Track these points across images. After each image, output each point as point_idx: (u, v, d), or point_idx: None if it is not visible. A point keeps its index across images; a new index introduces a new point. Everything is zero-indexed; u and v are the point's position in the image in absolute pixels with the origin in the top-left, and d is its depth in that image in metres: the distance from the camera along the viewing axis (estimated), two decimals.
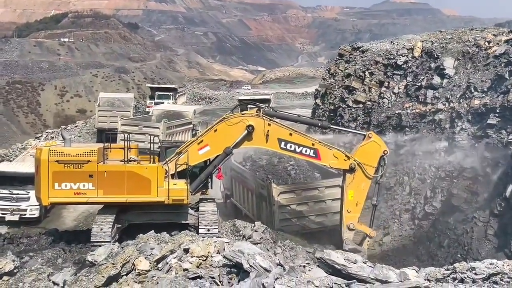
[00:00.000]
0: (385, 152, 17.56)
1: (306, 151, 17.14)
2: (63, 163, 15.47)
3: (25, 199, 23.27)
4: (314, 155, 17.24)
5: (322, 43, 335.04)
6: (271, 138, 16.96)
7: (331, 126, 18.85)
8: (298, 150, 17.12)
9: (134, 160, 16.47)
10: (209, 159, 17.20)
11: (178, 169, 16.52)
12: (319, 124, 18.78)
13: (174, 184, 16.18)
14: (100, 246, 14.35)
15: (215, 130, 16.93)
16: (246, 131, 16.79)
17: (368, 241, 18.31)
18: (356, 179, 17.48)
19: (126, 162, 16.07)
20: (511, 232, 18.55)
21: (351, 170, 17.35)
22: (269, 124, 16.90)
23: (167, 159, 16.47)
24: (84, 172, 15.59)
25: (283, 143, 17.04)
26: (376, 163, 17.52)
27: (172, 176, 16.40)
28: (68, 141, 16.68)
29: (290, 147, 17.09)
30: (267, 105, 19.54)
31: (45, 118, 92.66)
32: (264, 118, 16.99)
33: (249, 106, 18.29)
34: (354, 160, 17.28)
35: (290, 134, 17.09)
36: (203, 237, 13.92)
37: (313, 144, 17.16)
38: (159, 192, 15.99)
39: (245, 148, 18.56)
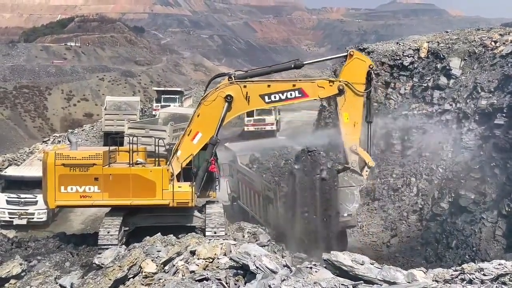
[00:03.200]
0: (371, 67, 17.48)
1: (291, 94, 16.99)
2: (69, 167, 15.60)
3: (32, 203, 23.38)
4: (300, 95, 17.07)
5: (328, 44, 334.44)
6: (253, 98, 16.83)
7: (305, 62, 18.31)
8: (283, 97, 16.99)
9: (140, 163, 16.49)
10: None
11: (184, 165, 16.42)
12: (293, 66, 18.03)
13: (179, 187, 16.19)
14: (107, 249, 14.38)
15: (198, 115, 16.83)
16: (226, 103, 16.61)
17: (367, 170, 18.05)
18: (348, 100, 17.20)
19: (131, 165, 16.11)
20: None
21: (341, 92, 17.11)
22: (244, 86, 16.73)
23: (169, 161, 16.52)
24: (90, 175, 15.69)
25: (266, 97, 16.92)
26: (363, 79, 17.33)
27: (178, 178, 16.39)
28: (75, 145, 16.79)
29: (275, 97, 16.96)
30: (234, 70, 19.23)
31: (52, 122, 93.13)
32: (238, 82, 16.82)
33: (219, 79, 18.16)
34: (340, 81, 17.13)
35: (268, 86, 16.94)
36: (209, 239, 13.92)
37: (294, 85, 17.04)
38: (164, 195, 16.03)
39: (233, 119, 18.51)
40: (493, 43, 25.29)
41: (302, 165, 18.52)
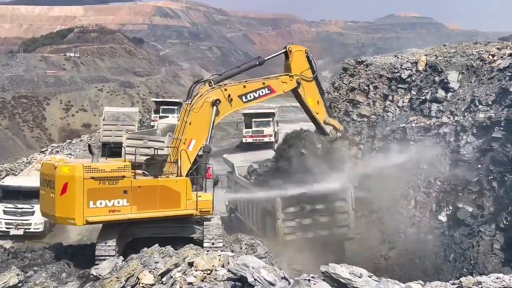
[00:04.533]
0: (307, 52, 20.20)
1: (262, 92, 18.85)
2: (99, 180, 14.92)
3: (30, 213, 23.30)
4: (269, 91, 19.03)
5: (326, 57, 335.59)
6: (234, 99, 18.10)
7: (265, 58, 19.99)
8: (256, 95, 18.73)
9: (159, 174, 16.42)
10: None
11: (185, 173, 16.57)
12: (257, 63, 19.63)
13: (199, 196, 16.22)
14: (104, 260, 14.31)
15: (190, 123, 17.17)
16: (214, 107, 17.35)
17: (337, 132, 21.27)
18: (306, 87, 19.94)
19: (157, 176, 16.03)
20: None
21: (299, 84, 19.63)
22: (225, 89, 17.86)
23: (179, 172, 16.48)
24: (119, 188, 15.18)
25: (243, 97, 18.44)
26: (308, 65, 20.03)
27: None
28: (96, 157, 16.05)
29: (250, 96, 18.62)
30: (212, 74, 20.26)
31: (50, 133, 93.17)
32: (219, 86, 17.81)
33: (197, 85, 18.61)
34: (297, 75, 19.53)
35: (244, 86, 18.53)
36: (207, 250, 13.88)
37: (264, 83, 18.91)
38: (188, 205, 16.00)
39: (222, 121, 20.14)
40: (490, 56, 25.42)
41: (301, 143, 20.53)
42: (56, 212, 15.30)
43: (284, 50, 19.98)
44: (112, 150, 19.80)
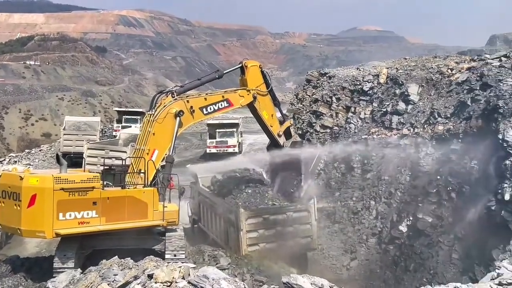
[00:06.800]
0: (261, 66, 20.74)
1: (221, 104, 19.29)
2: (69, 191, 14.57)
3: None
4: (228, 104, 19.51)
5: (290, 68, 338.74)
6: (196, 111, 18.37)
7: (224, 72, 20.43)
8: (216, 108, 19.12)
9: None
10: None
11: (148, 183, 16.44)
12: (217, 76, 20.02)
13: (165, 206, 16.09)
14: (62, 272, 13.96)
15: (154, 134, 17.20)
16: (177, 118, 17.52)
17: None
18: (261, 101, 20.47)
19: (124, 187, 15.78)
20: (475, 256, 18.81)
21: (255, 98, 20.16)
22: (187, 101, 18.09)
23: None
24: (89, 199, 14.88)
25: (204, 109, 18.73)
26: (262, 80, 20.52)
27: None
28: (64, 167, 15.57)
29: (211, 109, 18.96)
30: (175, 86, 20.53)
31: (8, 142, 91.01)
32: (181, 98, 17.99)
33: (160, 96, 18.51)
34: (253, 90, 20.04)
35: (205, 99, 18.87)
36: (168, 262, 13.69)
37: (223, 96, 19.39)
38: (155, 216, 15.82)
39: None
40: (449, 70, 26.06)
41: None
42: (22, 225, 14.73)
43: (240, 65, 20.48)
44: (72, 160, 19.42)
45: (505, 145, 18.66)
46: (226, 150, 41.66)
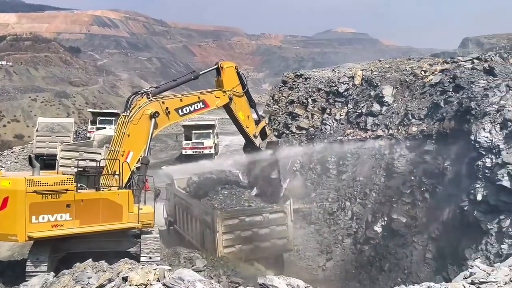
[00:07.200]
0: (237, 68, 20.56)
1: (197, 106, 19.11)
2: (42, 194, 14.29)
3: None
4: (203, 106, 19.34)
5: (266, 70, 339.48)
6: (171, 112, 18.14)
7: (200, 73, 20.43)
8: (192, 109, 18.93)
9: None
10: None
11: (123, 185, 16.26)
12: (192, 77, 20.07)
13: (140, 208, 15.89)
14: (35, 276, 13.72)
15: (128, 135, 17.00)
16: (153, 120, 17.35)
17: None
18: (237, 102, 20.34)
19: (99, 189, 15.56)
20: (448, 256, 19.07)
21: (231, 100, 20.02)
22: (163, 102, 17.87)
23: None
24: (62, 202, 14.61)
25: (180, 111, 18.51)
26: (238, 81, 20.37)
27: None
28: (37, 170, 15.28)
29: (186, 110, 18.75)
30: (150, 87, 20.37)
31: None
32: (157, 99, 17.83)
33: (135, 97, 18.42)
34: (229, 91, 19.92)
35: (181, 100, 18.66)
36: (143, 265, 13.56)
37: (199, 97, 19.20)
38: (130, 218, 15.63)
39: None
40: (423, 72, 26.42)
41: None
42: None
43: (216, 66, 20.40)
44: (45, 162, 19.08)
45: (477, 146, 18.96)
46: (202, 151, 41.46)
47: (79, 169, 16.98)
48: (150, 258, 16.07)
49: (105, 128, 45.75)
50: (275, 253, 20.70)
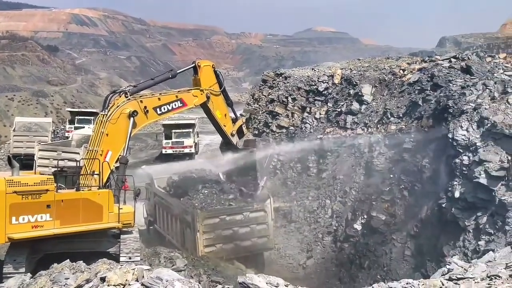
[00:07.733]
0: (214, 66, 20.77)
1: (175, 104, 19.19)
2: (22, 194, 14.11)
3: None
4: (181, 104, 19.44)
5: (247, 68, 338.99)
6: (149, 111, 18.16)
7: (178, 71, 20.45)
8: (170, 108, 19.00)
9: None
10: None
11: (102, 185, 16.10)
12: (170, 76, 20.06)
13: (120, 208, 15.75)
14: (12, 277, 13.51)
15: (107, 135, 16.94)
16: (131, 119, 17.30)
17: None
18: (214, 101, 20.57)
19: (79, 189, 15.37)
20: (426, 253, 19.29)
21: (208, 98, 20.21)
22: (141, 101, 17.87)
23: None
24: (43, 202, 14.41)
25: (158, 109, 18.54)
26: (215, 79, 20.57)
27: None
28: (17, 170, 15.05)
29: (164, 109, 18.79)
30: (128, 85, 20.33)
31: None
32: (135, 98, 17.79)
33: (113, 96, 18.28)
34: (207, 90, 20.11)
35: (159, 99, 18.70)
36: (121, 265, 13.45)
37: (177, 96, 19.31)
38: (110, 218, 15.47)
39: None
40: (401, 71, 26.66)
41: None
42: None
43: (193, 65, 20.46)
44: (22, 162, 18.78)
45: (455, 144, 19.20)
46: (182, 150, 41.24)
47: (57, 169, 16.78)
48: (130, 258, 15.94)
49: (83, 127, 45.15)
50: (255, 252, 20.72)
